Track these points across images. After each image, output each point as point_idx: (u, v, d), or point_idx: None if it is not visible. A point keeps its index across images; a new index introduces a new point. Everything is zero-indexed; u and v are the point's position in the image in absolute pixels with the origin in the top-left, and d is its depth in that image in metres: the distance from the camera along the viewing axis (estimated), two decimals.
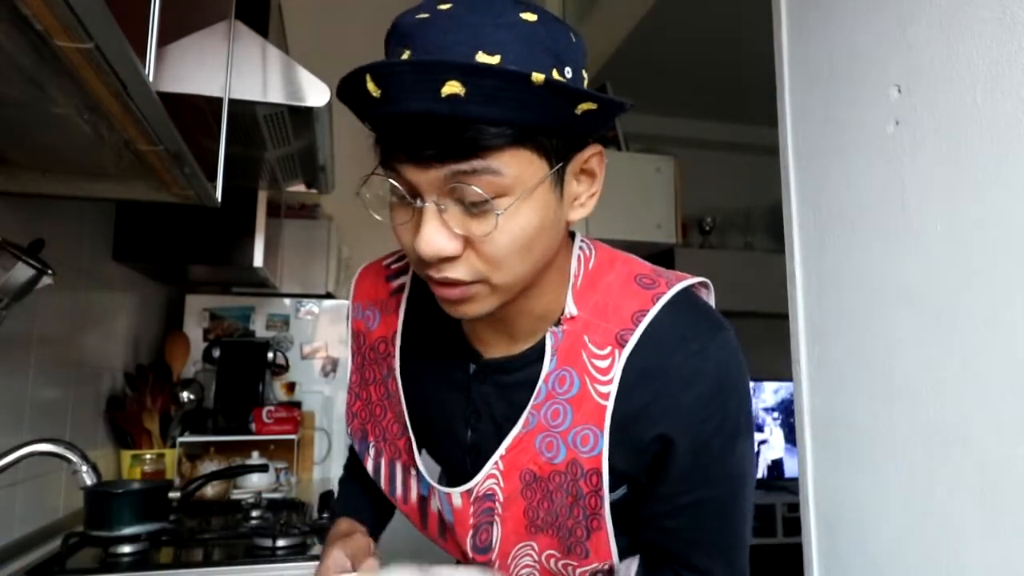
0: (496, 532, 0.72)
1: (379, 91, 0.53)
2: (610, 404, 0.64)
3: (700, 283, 0.73)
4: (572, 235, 0.72)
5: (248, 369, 2.16)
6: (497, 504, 0.71)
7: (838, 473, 1.12)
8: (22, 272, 1.02)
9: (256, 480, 1.88)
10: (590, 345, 0.66)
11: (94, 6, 0.59)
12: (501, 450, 0.69)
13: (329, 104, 1.17)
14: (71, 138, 0.96)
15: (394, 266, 0.81)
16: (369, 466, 0.81)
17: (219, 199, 1.15)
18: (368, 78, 0.53)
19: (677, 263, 3.85)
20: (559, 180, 0.60)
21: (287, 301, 2.40)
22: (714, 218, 3.94)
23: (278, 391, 2.28)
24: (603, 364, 0.65)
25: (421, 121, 0.53)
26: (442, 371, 0.75)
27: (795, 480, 1.24)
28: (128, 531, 1.26)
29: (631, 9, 2.39)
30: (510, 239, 0.57)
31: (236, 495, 1.82)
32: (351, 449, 0.91)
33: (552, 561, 0.72)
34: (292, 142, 1.39)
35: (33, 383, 1.37)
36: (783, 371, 1.26)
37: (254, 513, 1.55)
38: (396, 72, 0.52)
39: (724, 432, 0.67)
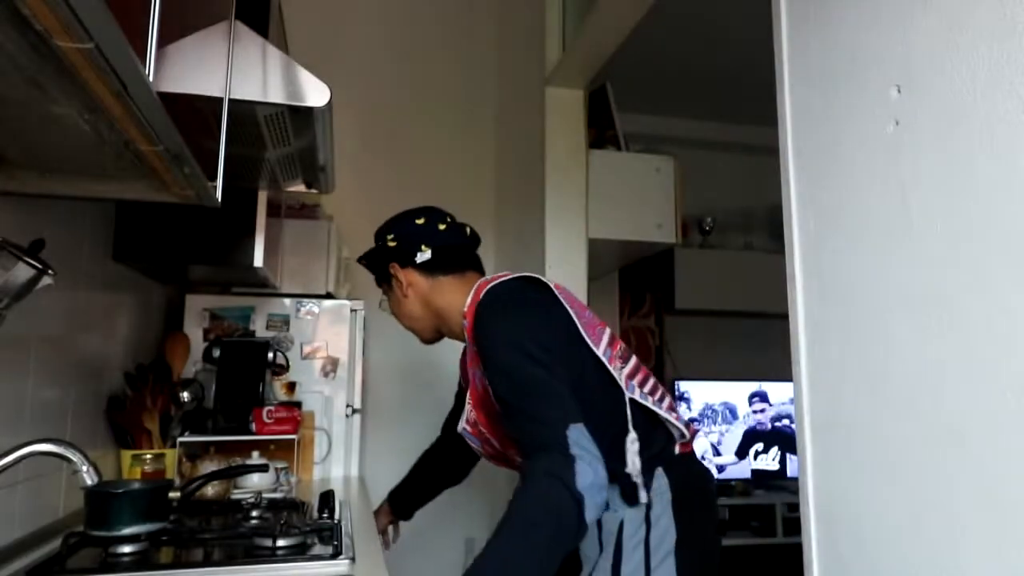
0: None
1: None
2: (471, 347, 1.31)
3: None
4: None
5: (248, 369, 2.16)
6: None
7: (838, 473, 1.12)
8: (22, 272, 1.01)
9: (256, 480, 1.88)
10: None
11: (94, 6, 0.59)
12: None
13: (329, 104, 1.17)
14: (71, 138, 0.96)
15: None
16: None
17: (219, 199, 1.15)
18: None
19: (677, 263, 3.85)
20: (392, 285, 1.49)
21: (287, 301, 2.40)
22: (714, 218, 3.94)
23: (278, 391, 2.28)
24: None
25: None
26: None
27: (795, 480, 1.24)
28: (128, 531, 1.26)
29: (631, 9, 2.38)
30: (398, 312, 1.51)
31: (236, 495, 1.82)
32: (451, 414, 1.78)
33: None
34: (292, 142, 1.39)
35: (33, 383, 1.37)
36: (785, 372, 1.26)
37: (254, 513, 1.55)
38: None
39: (487, 322, 1.24)
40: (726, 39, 2.94)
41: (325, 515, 1.53)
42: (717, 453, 3.62)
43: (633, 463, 1.20)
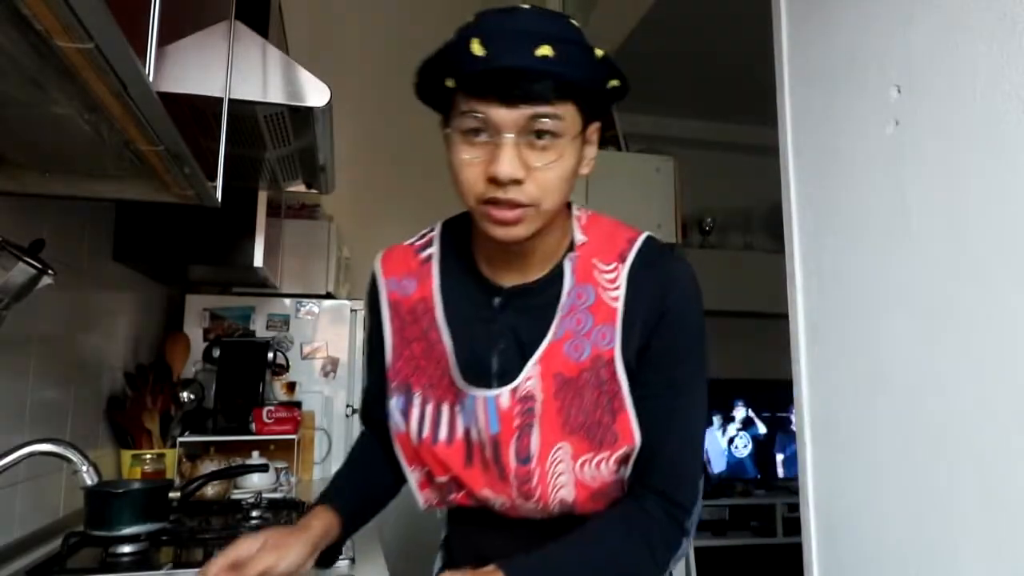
0: (535, 436, 0.85)
1: (484, 51, 0.74)
2: (620, 305, 0.85)
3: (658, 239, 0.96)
4: (568, 204, 0.91)
5: (248, 369, 2.16)
6: (536, 404, 0.85)
7: (838, 473, 1.12)
8: (22, 272, 1.01)
9: (256, 480, 1.88)
10: (599, 264, 0.88)
11: (94, 6, 0.59)
12: (536, 355, 0.85)
13: (329, 104, 1.17)
14: (71, 138, 0.96)
15: (418, 243, 0.98)
16: (414, 416, 0.92)
17: (219, 199, 1.15)
18: (477, 41, 0.74)
19: None
20: (582, 140, 0.81)
21: (287, 301, 2.40)
22: (714, 218, 3.94)
23: (278, 391, 2.28)
24: (611, 276, 0.87)
25: (514, 74, 0.73)
26: (471, 311, 0.90)
27: (795, 480, 1.24)
28: (128, 531, 1.26)
29: (631, 9, 2.39)
30: (559, 172, 0.78)
31: (236, 495, 1.82)
32: (362, 435, 1.09)
33: (586, 467, 0.85)
34: (292, 142, 1.39)
35: (33, 383, 1.37)
36: (783, 371, 1.26)
37: (254, 513, 1.55)
38: (504, 34, 0.75)
39: (691, 326, 0.87)
40: (726, 39, 2.94)
41: None
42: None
43: None
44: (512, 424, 0.86)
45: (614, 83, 0.81)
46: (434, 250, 0.96)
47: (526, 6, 0.79)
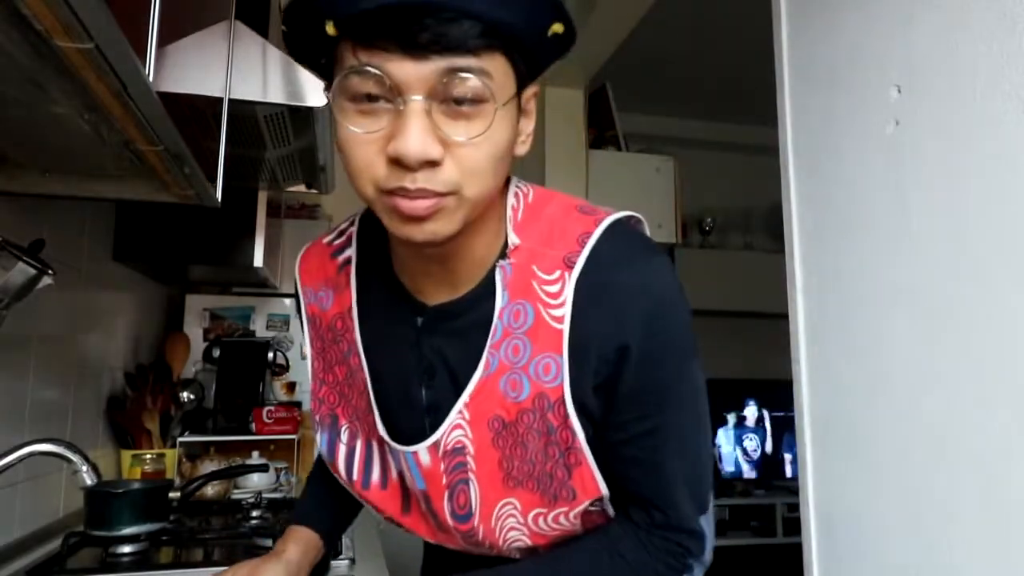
0: (473, 491, 0.69)
1: None
2: (566, 327, 0.64)
3: (634, 218, 0.73)
4: (506, 181, 0.71)
5: (248, 369, 2.16)
6: (469, 458, 0.68)
7: (838, 473, 1.12)
8: (22, 272, 1.01)
9: (256, 480, 1.88)
10: (539, 272, 0.66)
11: (94, 6, 0.59)
12: (464, 397, 0.67)
13: (329, 104, 1.17)
14: (71, 138, 0.96)
15: (336, 242, 0.79)
16: (341, 453, 0.78)
17: (219, 199, 1.15)
18: None
19: (677, 263, 3.84)
20: (517, 108, 0.61)
21: (287, 301, 2.40)
22: (714, 218, 3.94)
23: (278, 391, 2.28)
24: (554, 288, 0.65)
25: (420, 10, 0.52)
26: (391, 333, 0.72)
27: (795, 480, 1.24)
28: (128, 531, 1.26)
29: (630, 9, 2.39)
30: (489, 148, 0.57)
31: (236, 495, 1.82)
32: (319, 455, 0.92)
33: (541, 520, 0.69)
34: (292, 142, 1.39)
35: (33, 383, 1.37)
36: (783, 371, 1.26)
37: (254, 513, 1.55)
38: None
39: (673, 351, 0.67)
40: (726, 39, 2.94)
41: None
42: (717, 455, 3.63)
43: None
44: (440, 482, 0.70)
45: (556, 28, 0.59)
46: (351, 252, 0.77)
47: None
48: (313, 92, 1.14)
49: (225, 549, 1.35)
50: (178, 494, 1.49)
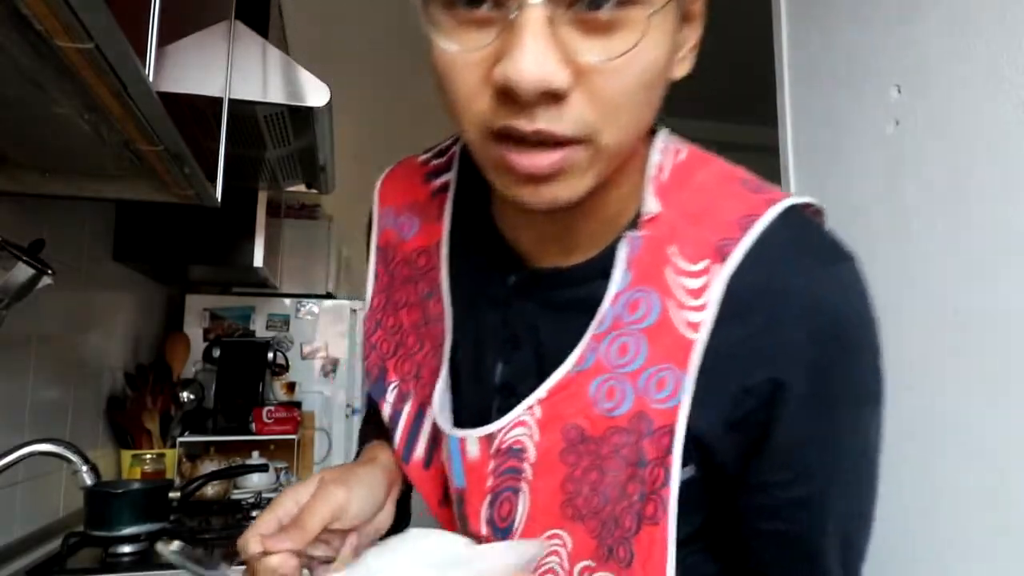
0: (522, 504, 0.51)
1: None
2: (701, 337, 0.46)
3: (813, 206, 0.54)
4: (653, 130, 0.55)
5: (248, 369, 2.16)
6: (526, 465, 0.51)
7: None
8: (22, 272, 1.02)
9: (256, 480, 1.88)
10: (677, 258, 0.48)
11: (94, 6, 0.59)
12: (541, 391, 0.50)
13: (329, 104, 1.17)
14: (71, 138, 0.96)
15: (434, 162, 0.64)
16: (386, 413, 0.62)
17: (219, 199, 1.15)
18: None
19: None
20: (676, 11, 0.44)
21: (287, 301, 2.40)
22: None
23: (278, 391, 2.28)
24: (694, 283, 0.48)
25: None
26: (477, 285, 0.57)
27: None
28: (128, 531, 1.26)
29: None
30: (638, 73, 0.40)
31: (236, 495, 1.82)
32: (370, 398, 0.69)
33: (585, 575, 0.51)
34: (292, 142, 1.39)
35: (33, 383, 1.37)
36: None
37: (254, 513, 1.56)
38: None
39: (851, 392, 0.49)
40: (726, 39, 2.94)
41: None
42: None
43: None
44: (484, 483, 0.53)
45: None
46: (450, 177, 0.62)
47: None
48: (313, 92, 1.14)
49: (225, 549, 1.35)
50: (178, 494, 1.49)
